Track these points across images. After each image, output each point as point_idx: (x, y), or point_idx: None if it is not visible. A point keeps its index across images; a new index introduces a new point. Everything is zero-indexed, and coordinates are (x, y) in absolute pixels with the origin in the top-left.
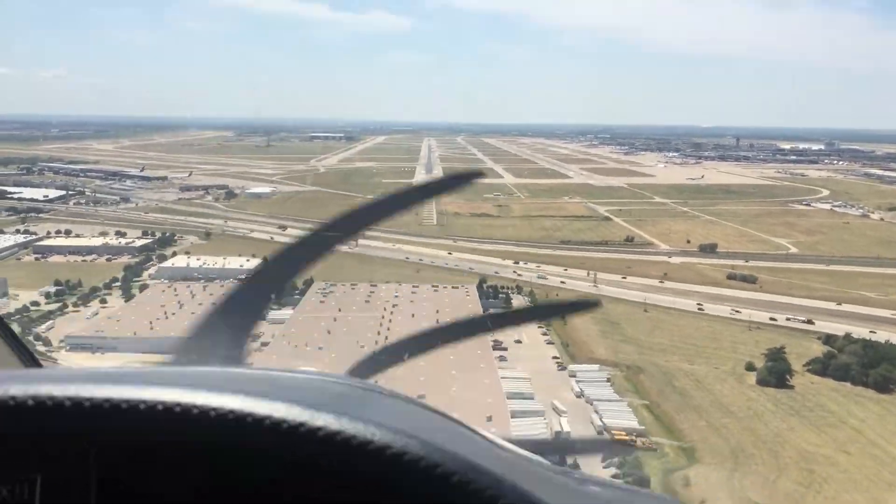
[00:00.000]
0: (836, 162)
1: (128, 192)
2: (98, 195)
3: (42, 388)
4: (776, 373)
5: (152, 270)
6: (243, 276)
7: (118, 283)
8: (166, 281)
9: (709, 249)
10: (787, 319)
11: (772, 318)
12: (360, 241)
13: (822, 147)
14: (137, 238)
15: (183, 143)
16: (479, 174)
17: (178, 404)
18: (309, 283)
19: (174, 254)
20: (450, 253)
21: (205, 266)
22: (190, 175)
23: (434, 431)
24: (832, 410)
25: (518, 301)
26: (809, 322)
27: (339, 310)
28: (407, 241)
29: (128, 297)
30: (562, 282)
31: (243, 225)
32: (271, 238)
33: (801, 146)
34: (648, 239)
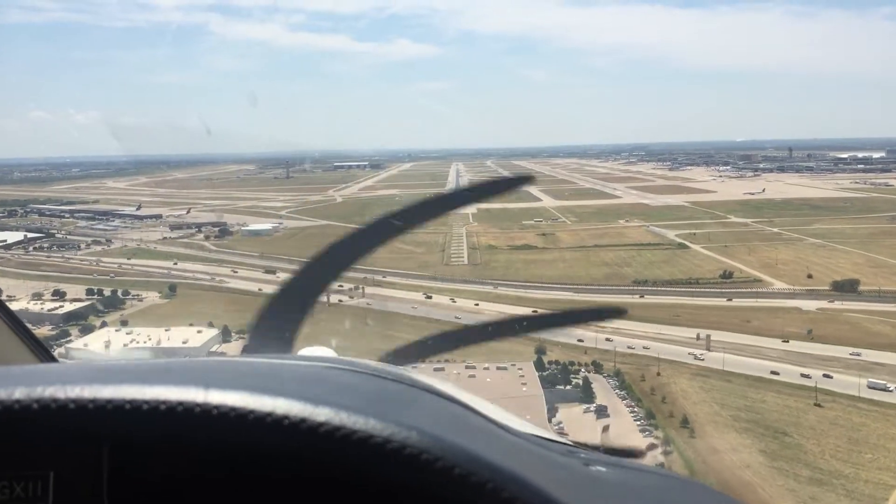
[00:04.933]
0: None
1: (108, 234)
2: (70, 238)
3: (49, 389)
4: None
5: (62, 350)
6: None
7: None
8: None
9: (848, 288)
10: None
11: None
12: (368, 290)
13: (884, 154)
14: (76, 299)
15: (200, 178)
16: (528, 179)
17: (181, 403)
18: None
19: (103, 324)
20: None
21: (133, 345)
22: (188, 212)
23: (437, 420)
24: None
25: (603, 389)
26: None
27: None
28: (430, 287)
29: None
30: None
31: (225, 271)
32: (259, 290)
33: (860, 154)
34: (751, 273)
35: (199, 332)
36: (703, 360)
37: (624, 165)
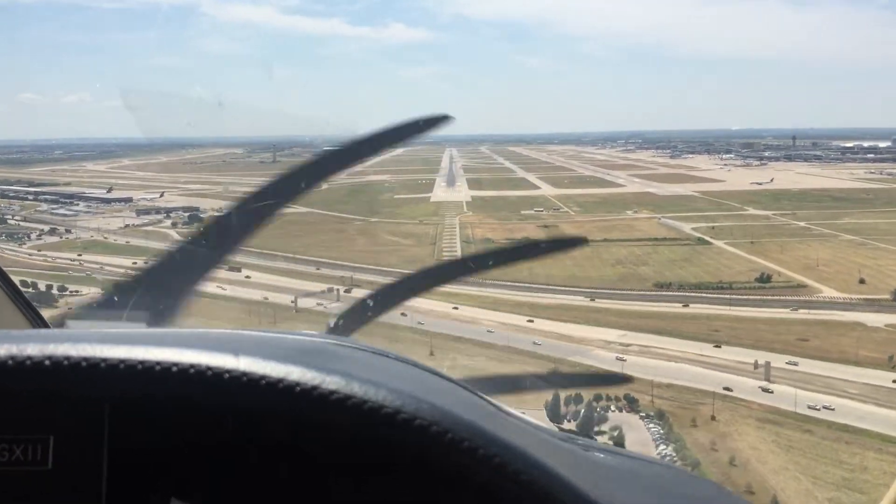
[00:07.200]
0: None
1: (69, 220)
2: (25, 224)
3: (59, 348)
4: None
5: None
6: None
7: None
8: None
9: None
10: None
11: None
12: (345, 294)
13: (891, 144)
14: None
15: (184, 161)
16: (445, 118)
17: (193, 366)
18: None
19: None
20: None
21: None
22: (161, 195)
23: (441, 396)
24: None
25: (641, 442)
26: None
27: None
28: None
29: None
30: (727, 390)
31: None
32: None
33: (866, 144)
34: (791, 276)
35: None
36: (765, 394)
37: (622, 153)
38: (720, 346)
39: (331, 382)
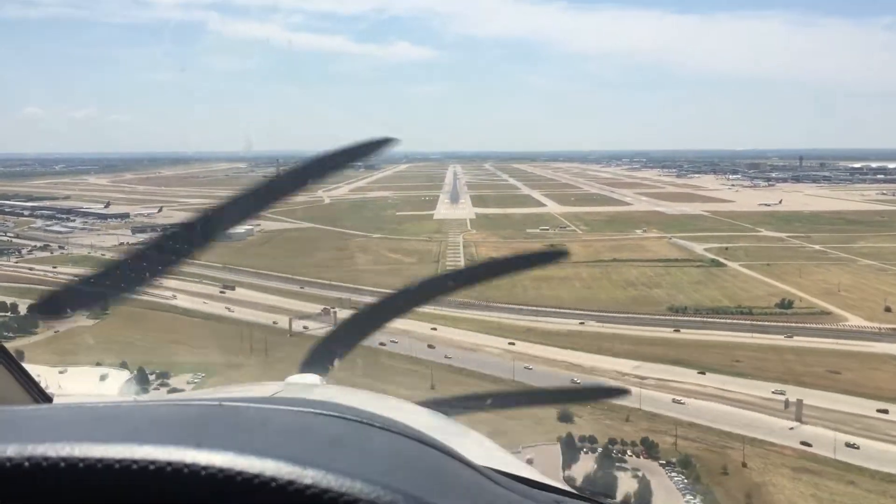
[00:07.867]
0: None
1: (62, 236)
2: (17, 240)
3: (55, 448)
4: None
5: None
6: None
7: None
8: None
9: None
10: None
11: None
12: (342, 315)
13: None
14: None
15: (186, 175)
16: (390, 140)
17: (154, 462)
18: None
19: None
20: (504, 339)
21: None
22: (159, 211)
23: (414, 475)
24: None
25: (667, 496)
26: None
27: None
28: (417, 311)
29: None
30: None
31: (175, 284)
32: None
33: (874, 164)
34: (813, 301)
35: (102, 377)
36: (797, 438)
37: (627, 171)
38: (746, 379)
39: (308, 476)
